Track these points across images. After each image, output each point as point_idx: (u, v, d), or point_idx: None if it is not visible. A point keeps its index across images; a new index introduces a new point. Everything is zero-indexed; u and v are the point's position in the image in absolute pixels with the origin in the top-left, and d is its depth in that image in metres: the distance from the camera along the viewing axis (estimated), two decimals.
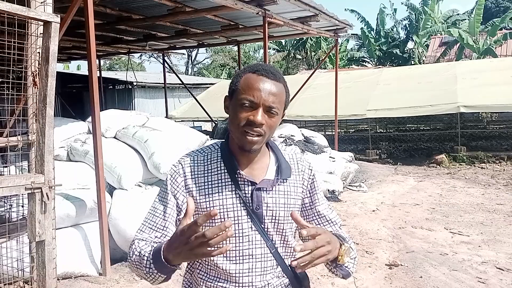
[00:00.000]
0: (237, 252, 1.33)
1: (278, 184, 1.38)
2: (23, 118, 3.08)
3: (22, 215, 3.31)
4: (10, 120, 3.23)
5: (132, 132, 5.61)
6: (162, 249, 1.19)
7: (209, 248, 1.07)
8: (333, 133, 11.45)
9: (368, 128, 14.19)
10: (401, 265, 4.36)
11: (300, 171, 1.46)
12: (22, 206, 3.30)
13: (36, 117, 2.91)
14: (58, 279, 3.25)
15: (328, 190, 7.28)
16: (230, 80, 1.39)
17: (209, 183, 1.35)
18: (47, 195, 2.81)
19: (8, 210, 3.68)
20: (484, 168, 10.26)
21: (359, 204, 6.96)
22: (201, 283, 1.37)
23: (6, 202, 3.74)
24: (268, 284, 1.36)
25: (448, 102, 10.87)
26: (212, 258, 1.33)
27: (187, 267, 1.46)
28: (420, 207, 6.73)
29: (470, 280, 3.99)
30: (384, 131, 14.89)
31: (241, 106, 1.28)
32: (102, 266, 4.16)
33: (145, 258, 1.24)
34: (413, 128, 14.88)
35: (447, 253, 4.68)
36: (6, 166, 3.98)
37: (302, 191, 1.45)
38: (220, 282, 1.35)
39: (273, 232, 1.37)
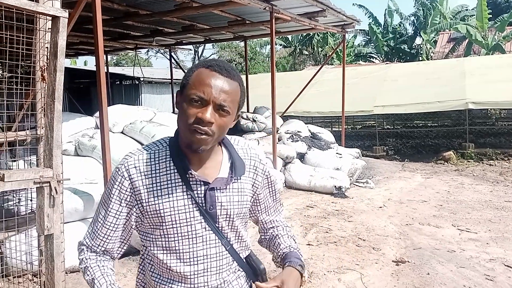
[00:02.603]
0: (191, 253, 1.29)
1: (232, 182, 1.34)
2: (31, 112, 3.10)
3: (31, 209, 3.34)
4: (19, 115, 3.25)
5: (139, 127, 5.63)
6: None
7: None
8: (340, 129, 11.42)
9: (375, 125, 14.12)
10: (408, 261, 4.35)
11: (252, 167, 1.42)
12: (31, 200, 3.32)
13: (44, 111, 2.92)
14: (66, 273, 3.27)
15: (335, 186, 7.27)
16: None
17: (158, 184, 1.27)
18: (56, 189, 2.83)
19: (16, 204, 3.71)
20: (492, 165, 10.18)
21: (366, 200, 6.94)
22: (155, 286, 1.34)
23: (15, 196, 3.77)
24: (224, 281, 1.35)
25: (456, 98, 10.80)
26: (164, 261, 1.30)
27: (139, 267, 1.43)
28: (428, 204, 6.70)
29: (477, 277, 3.97)
30: (392, 127, 14.81)
31: (190, 102, 1.21)
32: None
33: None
34: (421, 124, 14.78)
35: (454, 250, 4.66)
36: (15, 160, 4.01)
37: (253, 185, 1.42)
38: (174, 284, 1.32)
39: (227, 230, 1.34)
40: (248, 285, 1.45)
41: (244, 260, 1.42)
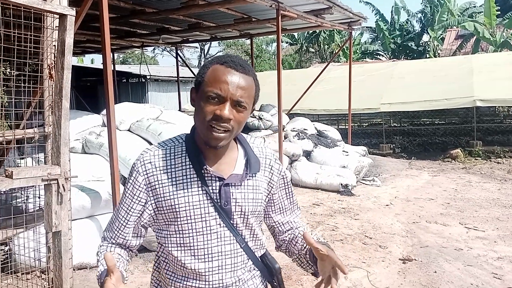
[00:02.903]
0: (205, 250, 1.29)
1: (247, 179, 1.34)
2: (39, 110, 3.11)
3: (39, 206, 3.36)
4: (26, 113, 3.27)
5: (146, 125, 5.64)
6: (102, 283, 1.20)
7: None
8: (347, 127, 11.38)
9: (382, 122, 14.06)
10: (415, 259, 4.33)
11: (268, 165, 1.41)
12: (39, 197, 3.35)
13: (52, 109, 2.94)
14: (73, 270, 3.30)
15: (341, 184, 7.25)
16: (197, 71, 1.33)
17: (173, 179, 1.28)
18: (63, 186, 2.85)
19: (25, 201, 3.74)
20: (500, 163, 10.10)
21: (373, 198, 6.92)
22: (170, 283, 1.34)
23: (23, 193, 3.80)
24: (239, 279, 1.34)
25: (464, 96, 10.71)
26: (179, 258, 1.30)
27: (154, 265, 1.43)
28: (435, 202, 6.66)
29: (485, 275, 3.95)
30: (398, 125, 14.73)
31: (207, 99, 1.22)
32: None
33: (97, 274, 1.28)
34: (428, 122, 14.69)
35: (462, 248, 4.63)
36: (23, 158, 4.05)
37: (268, 184, 1.41)
38: (189, 282, 1.31)
39: (242, 227, 1.33)
40: (263, 285, 1.43)
41: (259, 259, 1.40)
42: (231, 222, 1.31)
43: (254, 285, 1.39)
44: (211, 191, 1.28)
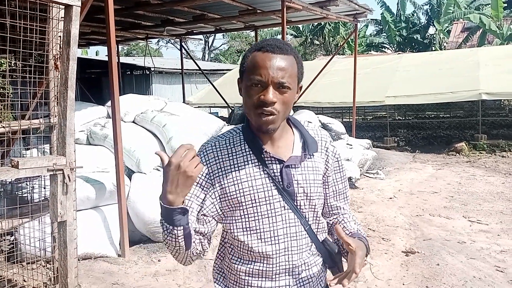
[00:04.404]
0: (271, 232, 1.32)
1: (306, 160, 1.36)
2: (45, 101, 3.13)
3: (44, 196, 3.39)
4: (32, 103, 3.29)
5: (150, 117, 5.66)
6: (160, 199, 1.18)
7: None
8: (351, 120, 11.36)
9: (386, 115, 14.01)
10: (418, 252, 4.34)
11: (323, 147, 1.43)
12: (44, 188, 3.38)
13: (57, 100, 2.95)
14: (78, 260, 3.33)
15: None
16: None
17: (236, 166, 1.32)
18: (69, 177, 2.87)
19: (30, 191, 3.77)
20: (505, 156, 10.06)
21: (376, 191, 6.92)
22: (235, 268, 1.36)
23: (28, 183, 3.83)
24: (304, 263, 1.36)
25: (469, 89, 10.64)
26: (245, 242, 1.32)
27: (217, 253, 1.45)
28: (438, 195, 6.66)
29: (488, 268, 3.95)
30: (403, 118, 14.69)
31: (250, 86, 1.26)
32: (121, 248, 4.24)
33: (160, 224, 1.25)
34: (433, 115, 14.64)
35: (465, 241, 4.64)
36: (28, 149, 4.08)
37: (325, 166, 1.42)
38: (256, 265, 1.33)
39: (306, 209, 1.36)
40: (324, 273, 1.44)
41: (322, 245, 1.42)
42: (295, 204, 1.33)
43: (318, 273, 1.41)
44: (272, 173, 1.31)
